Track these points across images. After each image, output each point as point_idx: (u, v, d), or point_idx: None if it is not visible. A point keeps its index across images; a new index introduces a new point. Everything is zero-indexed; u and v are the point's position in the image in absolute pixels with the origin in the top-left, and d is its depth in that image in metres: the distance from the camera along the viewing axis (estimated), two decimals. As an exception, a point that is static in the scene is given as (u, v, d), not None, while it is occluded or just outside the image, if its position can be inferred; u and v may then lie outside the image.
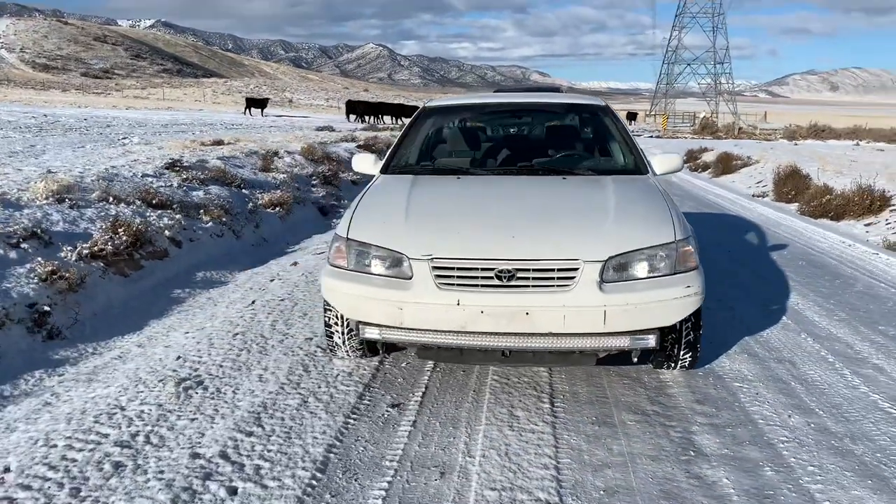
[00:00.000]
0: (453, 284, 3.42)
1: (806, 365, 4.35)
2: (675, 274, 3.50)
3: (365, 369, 4.18)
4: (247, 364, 4.23)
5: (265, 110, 42.22)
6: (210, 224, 7.73)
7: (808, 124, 28.90)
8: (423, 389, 3.91)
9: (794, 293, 6.01)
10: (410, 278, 3.47)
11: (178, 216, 7.41)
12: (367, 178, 4.86)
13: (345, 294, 3.63)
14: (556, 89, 5.37)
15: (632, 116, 70.17)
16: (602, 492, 2.93)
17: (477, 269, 3.41)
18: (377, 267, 3.60)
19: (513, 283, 3.37)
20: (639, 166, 4.62)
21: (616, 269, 3.44)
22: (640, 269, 3.47)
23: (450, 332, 3.42)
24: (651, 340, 3.46)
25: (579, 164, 4.90)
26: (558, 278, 3.38)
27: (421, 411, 3.65)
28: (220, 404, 3.68)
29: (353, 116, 43.26)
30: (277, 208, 9.37)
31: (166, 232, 6.96)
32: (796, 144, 28.08)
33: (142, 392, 3.82)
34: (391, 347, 4.26)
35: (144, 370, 4.17)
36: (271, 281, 6.44)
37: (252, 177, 10.34)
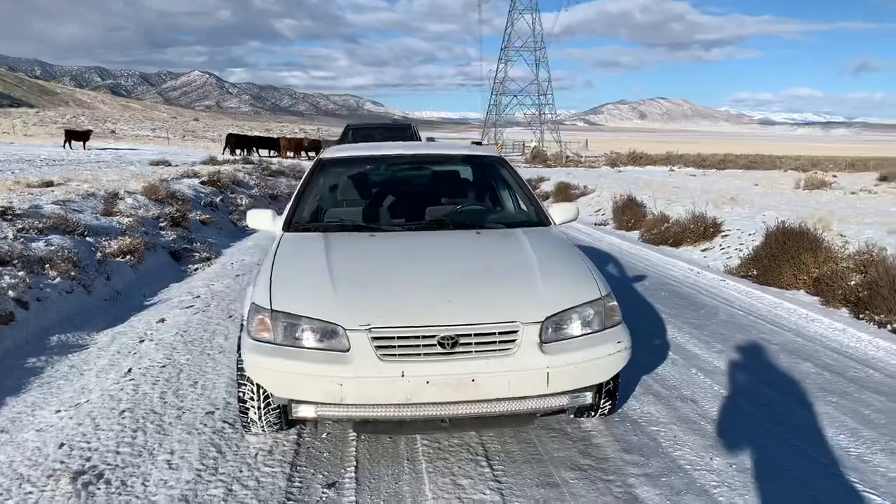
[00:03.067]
0: (396, 355, 3.27)
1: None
2: (604, 329, 3.56)
3: (284, 444, 3.91)
4: (147, 447, 3.83)
5: (87, 143, 38.78)
6: (58, 280, 6.99)
7: (628, 152, 31.15)
8: (354, 463, 3.71)
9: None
10: (348, 350, 3.28)
11: (21, 273, 6.65)
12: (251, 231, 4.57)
13: (274, 371, 3.33)
14: (407, 126, 5.37)
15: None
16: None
17: (418, 336, 3.28)
18: (309, 340, 3.36)
19: (456, 349, 3.29)
20: (541, 218, 4.72)
21: (553, 329, 3.44)
22: (575, 327, 3.50)
23: (393, 405, 3.27)
24: (588, 397, 3.51)
25: (487, 216, 4.93)
26: (500, 342, 3.33)
27: (359, 490, 3.46)
28: (132, 500, 3.28)
29: (227, 150, 39.43)
30: (128, 256, 8.63)
31: (10, 292, 6.22)
32: (620, 171, 30.20)
33: (31, 494, 3.34)
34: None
35: (21, 463, 3.65)
36: (141, 342, 5.93)
37: (95, 222, 9.50)
